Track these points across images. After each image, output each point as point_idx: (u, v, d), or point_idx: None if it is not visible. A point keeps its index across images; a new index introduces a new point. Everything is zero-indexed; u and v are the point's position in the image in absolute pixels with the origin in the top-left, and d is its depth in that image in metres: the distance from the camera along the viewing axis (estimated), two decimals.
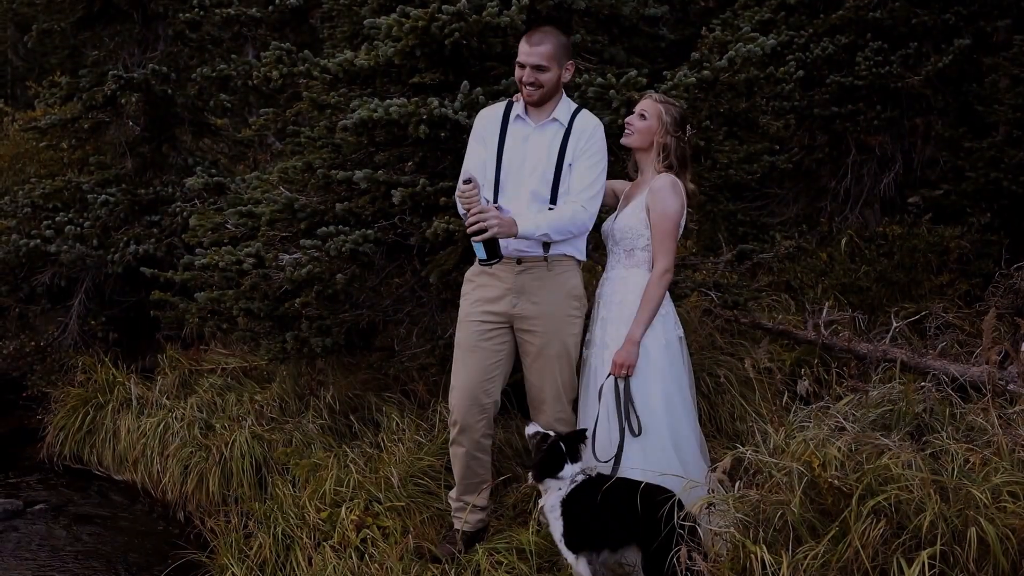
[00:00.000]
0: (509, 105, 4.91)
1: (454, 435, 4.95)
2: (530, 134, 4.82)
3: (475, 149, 4.91)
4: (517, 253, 4.77)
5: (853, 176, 8.88)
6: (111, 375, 8.46)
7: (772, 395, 5.98)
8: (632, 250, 4.81)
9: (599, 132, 4.84)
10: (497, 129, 4.86)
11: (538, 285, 4.82)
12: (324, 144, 6.28)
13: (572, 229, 4.70)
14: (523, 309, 4.82)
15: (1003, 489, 3.80)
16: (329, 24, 8.34)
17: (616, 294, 4.84)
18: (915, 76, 8.33)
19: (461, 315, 4.98)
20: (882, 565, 3.69)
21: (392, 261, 6.17)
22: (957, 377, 5.40)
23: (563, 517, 4.39)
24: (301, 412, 7.16)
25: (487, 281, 4.89)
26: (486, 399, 4.88)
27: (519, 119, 4.85)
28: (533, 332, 4.83)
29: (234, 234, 6.60)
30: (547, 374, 4.87)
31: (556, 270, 4.83)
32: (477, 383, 4.86)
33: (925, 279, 7.58)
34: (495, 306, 4.85)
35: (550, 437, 4.53)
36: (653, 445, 4.61)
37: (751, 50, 5.77)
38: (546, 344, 4.83)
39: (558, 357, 4.85)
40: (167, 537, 6.70)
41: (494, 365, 4.89)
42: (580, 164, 4.76)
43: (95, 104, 9.37)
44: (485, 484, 5.10)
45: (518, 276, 4.81)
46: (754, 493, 4.08)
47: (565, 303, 4.85)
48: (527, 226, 4.57)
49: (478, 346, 4.86)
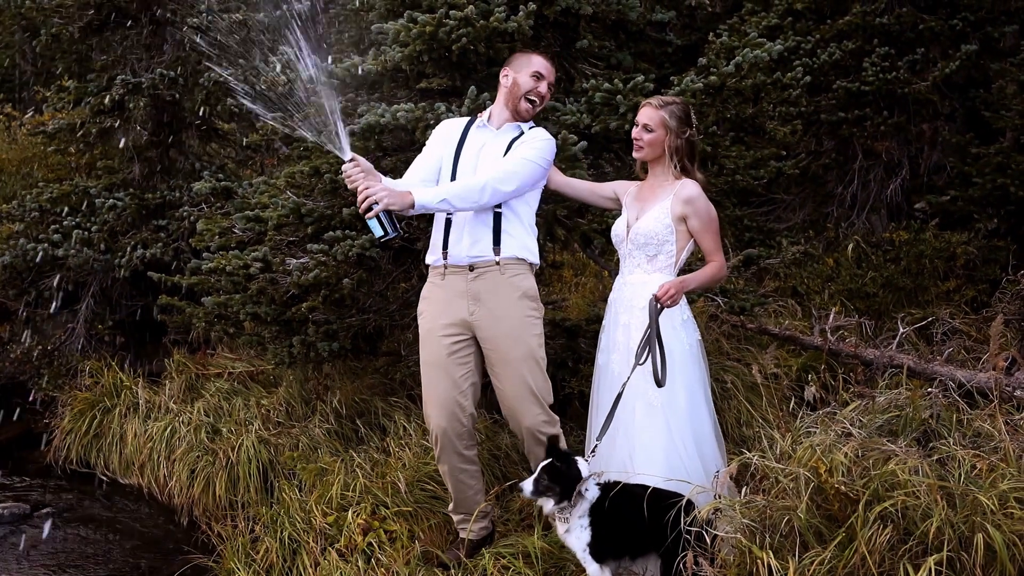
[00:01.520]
0: (471, 119, 5.05)
1: (437, 453, 4.96)
2: (488, 140, 4.92)
3: (429, 148, 5.03)
4: (469, 259, 4.81)
5: (860, 182, 8.88)
6: (118, 379, 8.47)
7: (779, 401, 5.97)
8: (655, 256, 4.80)
9: (547, 144, 4.90)
10: (459, 133, 4.98)
11: (492, 289, 4.82)
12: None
13: (473, 196, 4.65)
14: (480, 317, 4.82)
15: (1010, 495, 3.79)
16: (336, 29, 8.36)
17: (638, 298, 4.79)
18: (922, 82, 8.33)
19: (423, 333, 4.98)
20: (889, 571, 3.69)
21: (399, 265, 6.18)
22: (964, 383, 5.40)
23: (591, 527, 4.29)
24: (308, 416, 7.17)
25: (441, 295, 4.90)
26: (462, 412, 4.88)
27: (483, 127, 4.98)
28: (495, 338, 4.83)
29: (241, 238, 6.61)
30: (516, 378, 4.83)
31: (509, 273, 4.84)
32: (450, 398, 4.86)
33: (932, 285, 7.57)
34: (453, 316, 4.86)
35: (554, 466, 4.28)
36: (676, 443, 4.60)
37: (758, 56, 5.78)
38: (509, 348, 4.81)
39: (524, 360, 4.82)
40: (174, 541, 6.70)
41: (464, 378, 4.89)
42: (512, 152, 4.83)
43: (103, 109, 9.39)
44: (479, 495, 5.09)
45: (471, 283, 4.83)
46: (761, 499, 4.07)
47: (522, 305, 4.85)
48: (424, 196, 4.57)
49: (445, 361, 4.87)
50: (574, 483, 4.23)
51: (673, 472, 4.45)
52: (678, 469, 4.51)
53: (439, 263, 4.91)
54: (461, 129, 5.00)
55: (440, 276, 4.92)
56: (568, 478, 4.25)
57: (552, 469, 4.26)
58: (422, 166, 4.98)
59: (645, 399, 4.64)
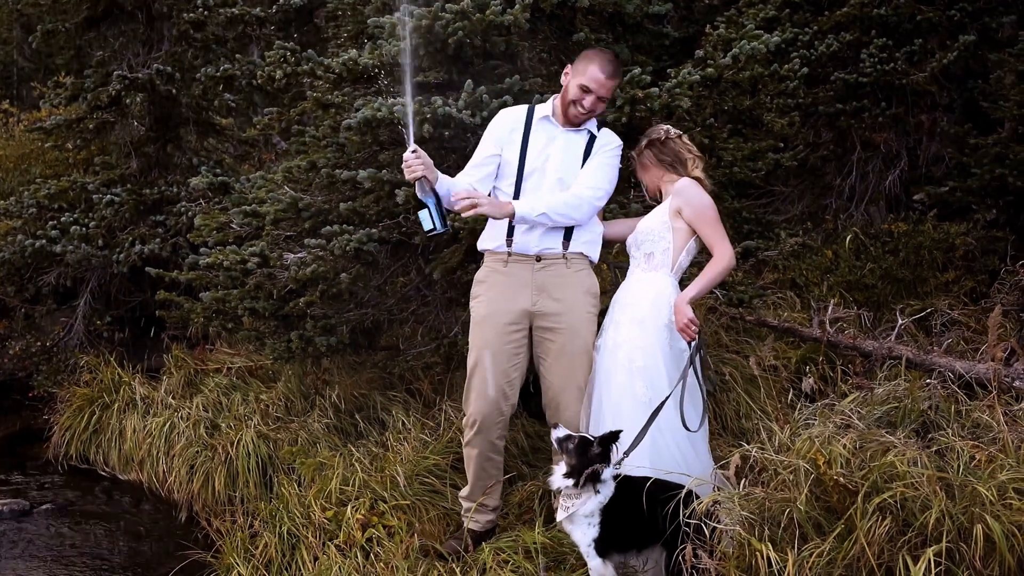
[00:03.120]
0: (531, 108, 4.95)
1: (469, 436, 4.95)
2: (558, 135, 4.86)
3: (488, 145, 4.93)
4: (538, 250, 4.80)
5: (858, 173, 8.85)
6: (117, 375, 8.47)
7: (777, 393, 5.97)
8: (651, 254, 4.81)
9: (620, 148, 4.94)
10: (521, 128, 4.89)
11: (559, 282, 4.83)
12: (328, 143, 6.28)
13: (572, 213, 4.71)
14: (544, 306, 4.82)
15: (1009, 486, 3.79)
16: (334, 23, 8.35)
17: (630, 295, 4.84)
18: (920, 73, 8.30)
19: (478, 316, 4.93)
20: (888, 562, 3.68)
21: (396, 260, 6.17)
22: (963, 374, 5.38)
23: (601, 525, 4.26)
24: (306, 411, 7.17)
25: (503, 281, 4.87)
26: (505, 402, 4.89)
27: (546, 119, 4.89)
28: (555, 330, 4.83)
29: (239, 234, 6.61)
30: (569, 373, 4.85)
31: (574, 267, 4.85)
32: (497, 386, 4.85)
33: (930, 276, 7.56)
34: (514, 304, 4.84)
35: (587, 440, 4.30)
36: (667, 441, 4.59)
37: (755, 47, 5.76)
38: (568, 341, 4.83)
39: (579, 354, 4.84)
40: (173, 537, 6.70)
41: (514, 368, 4.88)
42: (592, 161, 4.84)
43: (100, 104, 9.39)
44: (497, 487, 5.10)
45: (537, 273, 4.82)
46: (760, 491, 4.07)
47: (584, 300, 4.87)
48: (523, 207, 4.60)
49: (500, 348, 4.85)
50: (589, 466, 4.21)
51: (661, 464, 4.45)
52: (666, 461, 4.51)
53: (502, 249, 4.87)
54: (523, 123, 4.91)
55: (502, 263, 4.88)
56: (588, 458, 4.23)
57: (584, 442, 4.27)
58: (481, 164, 4.90)
59: (632, 394, 4.66)
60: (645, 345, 4.70)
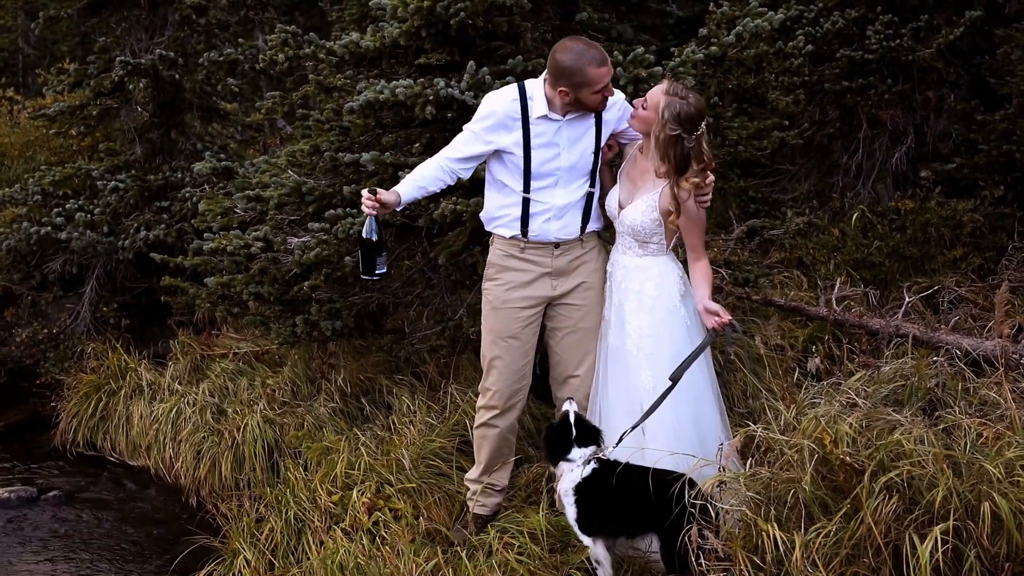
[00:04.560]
0: (523, 96, 4.65)
1: (489, 418, 4.95)
2: (561, 126, 4.64)
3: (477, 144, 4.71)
4: (556, 239, 4.77)
5: (865, 151, 8.81)
6: (123, 361, 8.46)
7: (783, 372, 5.95)
8: (646, 242, 4.74)
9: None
10: (519, 125, 4.65)
11: (576, 264, 4.84)
12: (332, 127, 6.27)
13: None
14: (563, 288, 4.84)
15: (1016, 463, 3.79)
16: (338, 6, 8.32)
17: (633, 282, 4.75)
18: (926, 49, 8.24)
19: (494, 301, 4.88)
20: (895, 541, 3.68)
21: (401, 243, 6.16)
22: (970, 351, 5.36)
23: (576, 504, 4.34)
24: (312, 396, 7.17)
25: (520, 266, 4.83)
26: (523, 382, 4.94)
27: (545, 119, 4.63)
28: (574, 306, 4.85)
29: (243, 218, 6.61)
30: (579, 347, 4.88)
31: (588, 246, 4.87)
32: (521, 367, 4.89)
33: (938, 253, 7.52)
34: (533, 290, 4.83)
35: (568, 421, 4.42)
36: (681, 423, 4.58)
37: (759, 25, 5.73)
38: (584, 317, 4.86)
39: (592, 331, 4.88)
40: (180, 522, 6.73)
41: (533, 347, 4.94)
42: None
43: (103, 91, 9.37)
44: (508, 467, 5.15)
45: (556, 259, 4.81)
46: (765, 471, 4.07)
47: (599, 278, 4.89)
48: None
49: (519, 333, 4.85)
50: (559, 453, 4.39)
51: (680, 446, 4.43)
52: (685, 443, 4.49)
53: (517, 238, 4.81)
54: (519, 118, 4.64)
55: (518, 248, 4.81)
56: (556, 446, 4.41)
57: (563, 427, 4.43)
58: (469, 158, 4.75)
59: (639, 382, 4.65)
60: (655, 333, 4.68)
